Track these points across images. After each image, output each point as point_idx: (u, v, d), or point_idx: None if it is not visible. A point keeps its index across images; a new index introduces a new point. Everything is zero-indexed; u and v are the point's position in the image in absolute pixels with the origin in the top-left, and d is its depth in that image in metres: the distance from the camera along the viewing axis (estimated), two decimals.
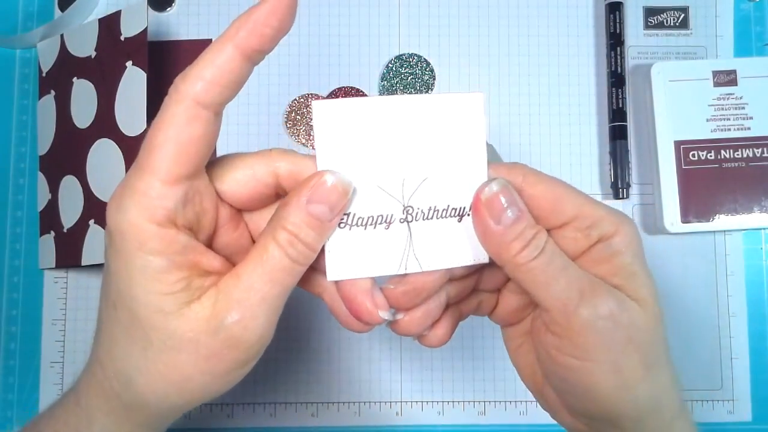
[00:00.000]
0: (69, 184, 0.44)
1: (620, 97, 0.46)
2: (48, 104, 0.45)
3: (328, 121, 0.25)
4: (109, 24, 0.43)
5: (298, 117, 0.47)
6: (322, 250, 0.25)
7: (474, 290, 0.29)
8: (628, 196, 0.45)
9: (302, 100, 0.47)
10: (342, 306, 0.27)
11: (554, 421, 0.35)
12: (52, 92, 0.45)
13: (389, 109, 0.26)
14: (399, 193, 0.26)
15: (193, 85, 0.23)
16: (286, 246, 0.24)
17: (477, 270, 0.28)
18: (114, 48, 0.43)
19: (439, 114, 0.26)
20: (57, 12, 0.47)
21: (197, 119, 0.23)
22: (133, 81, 0.42)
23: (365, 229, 0.26)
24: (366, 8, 0.47)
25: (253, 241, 0.27)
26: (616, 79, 0.46)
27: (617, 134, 0.46)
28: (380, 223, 0.26)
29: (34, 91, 0.47)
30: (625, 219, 0.26)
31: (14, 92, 0.47)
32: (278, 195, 0.26)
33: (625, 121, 0.46)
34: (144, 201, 0.23)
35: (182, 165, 0.23)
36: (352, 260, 0.26)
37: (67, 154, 0.44)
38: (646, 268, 0.26)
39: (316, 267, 0.26)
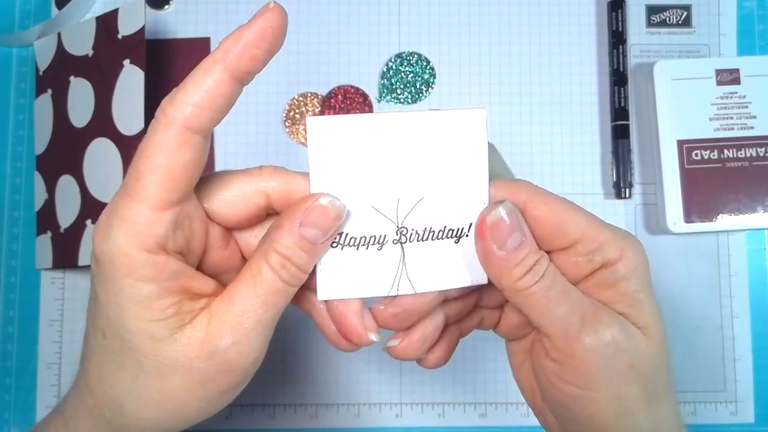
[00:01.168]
0: (66, 184, 0.43)
1: (622, 95, 0.45)
2: (45, 103, 0.45)
3: (322, 138, 0.24)
4: (107, 22, 0.43)
5: (297, 116, 0.46)
6: (314, 269, 0.25)
7: (476, 307, 0.29)
8: (630, 196, 0.45)
9: (301, 98, 0.46)
10: (330, 324, 0.26)
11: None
12: (49, 91, 0.45)
13: (386, 126, 0.25)
14: (393, 213, 0.26)
15: (182, 110, 0.22)
16: (278, 269, 0.24)
17: (477, 288, 0.27)
18: (111, 46, 0.42)
19: (438, 131, 0.25)
20: (54, 10, 0.47)
21: (187, 144, 0.22)
22: (131, 80, 0.41)
23: (357, 249, 0.25)
24: (366, 6, 0.47)
25: (244, 260, 0.26)
26: (618, 78, 0.45)
27: (619, 133, 0.45)
28: (373, 244, 0.26)
29: (31, 90, 0.47)
30: (630, 242, 0.26)
31: (11, 91, 0.47)
32: (269, 214, 0.26)
33: (628, 120, 0.45)
34: (134, 229, 0.22)
35: (172, 191, 0.22)
36: (343, 280, 0.25)
37: (63, 154, 0.44)
38: (651, 294, 0.26)
39: (306, 284, 0.25)
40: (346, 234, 0.25)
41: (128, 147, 0.41)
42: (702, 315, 0.45)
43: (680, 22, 0.47)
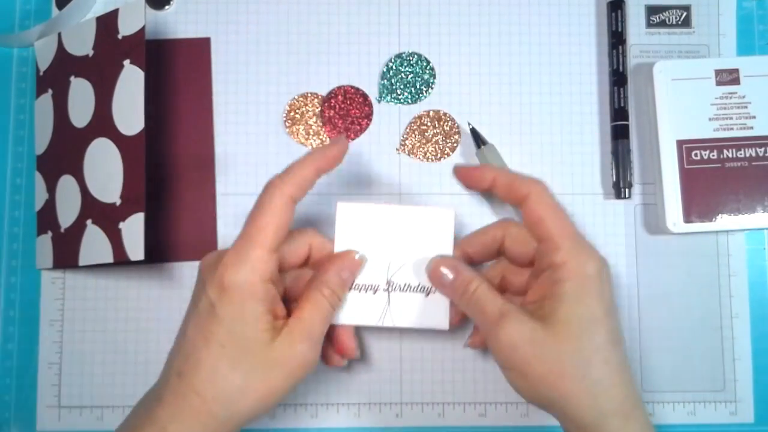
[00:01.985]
0: (66, 184, 0.43)
1: (622, 96, 0.45)
2: (45, 103, 0.45)
3: (346, 217, 0.39)
4: (107, 22, 0.43)
5: (297, 116, 0.46)
6: None
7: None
8: (629, 196, 0.45)
9: (302, 99, 0.46)
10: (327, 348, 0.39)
11: (554, 424, 0.35)
12: (50, 91, 0.45)
13: (387, 213, 0.39)
14: (385, 271, 0.39)
15: (290, 187, 0.35)
16: (329, 298, 0.36)
17: None
18: (112, 47, 0.42)
19: (421, 220, 0.39)
20: (54, 10, 0.47)
21: (289, 209, 0.35)
22: (131, 80, 0.41)
23: (359, 292, 0.39)
24: (366, 7, 0.47)
25: (285, 293, 0.38)
26: (617, 78, 0.45)
27: (619, 133, 0.45)
28: (369, 290, 0.39)
29: (32, 90, 0.47)
30: (583, 256, 0.35)
31: (11, 91, 0.47)
32: (306, 262, 0.39)
33: (627, 120, 0.45)
34: (257, 265, 0.34)
35: (279, 239, 0.35)
36: (348, 312, 0.39)
37: (64, 154, 0.44)
38: (582, 305, 0.34)
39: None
40: (353, 281, 0.39)
41: (128, 147, 0.41)
42: (701, 315, 0.45)
43: (680, 22, 0.47)
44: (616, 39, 0.46)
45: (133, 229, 0.40)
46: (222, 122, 0.46)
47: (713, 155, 0.44)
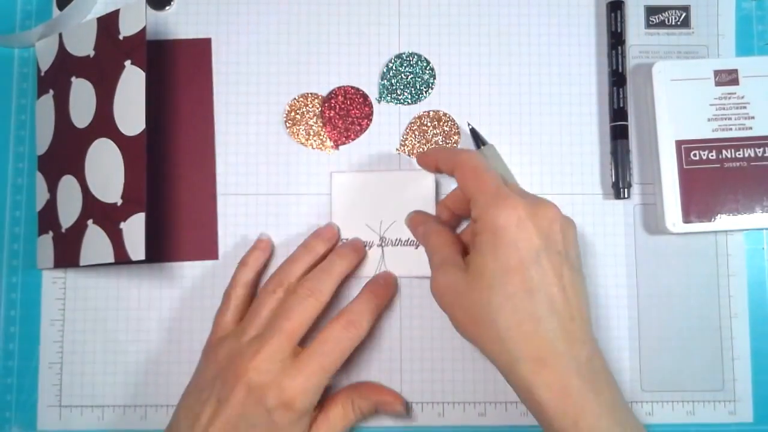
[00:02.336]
0: (67, 184, 0.43)
1: (621, 96, 0.45)
2: (47, 103, 0.45)
3: (340, 187, 0.45)
4: (108, 23, 0.43)
5: (297, 116, 0.46)
6: None
7: None
8: (629, 196, 0.45)
9: (302, 99, 0.47)
10: None
11: None
12: (51, 91, 0.45)
13: (376, 180, 0.45)
14: (378, 228, 0.44)
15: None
16: (356, 414, 0.42)
17: None
18: (113, 47, 0.42)
19: (405, 183, 0.45)
20: (55, 11, 0.47)
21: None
22: (132, 80, 0.41)
23: None
24: (366, 7, 0.47)
25: None
26: (617, 79, 0.46)
27: (618, 134, 0.45)
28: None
29: (33, 91, 0.47)
30: (494, 209, 0.36)
31: (12, 91, 0.47)
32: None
33: (627, 121, 0.45)
34: (321, 390, 0.39)
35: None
36: None
37: (65, 154, 0.44)
38: (486, 249, 0.36)
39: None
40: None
41: (129, 147, 0.41)
42: (700, 315, 0.45)
43: (679, 22, 0.47)
44: (615, 39, 0.46)
45: (134, 229, 0.40)
46: (223, 122, 0.47)
47: (712, 155, 0.44)
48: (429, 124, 0.46)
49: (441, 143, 0.46)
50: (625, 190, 0.45)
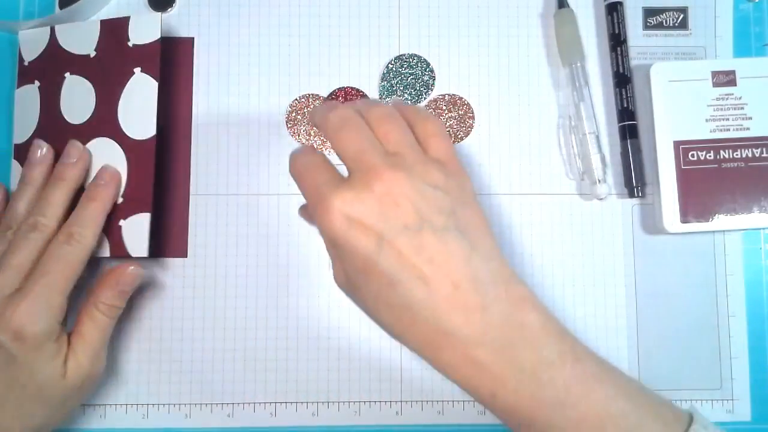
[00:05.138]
0: None
1: (626, 96, 0.46)
2: (30, 94, 0.45)
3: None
4: (114, 28, 0.43)
5: (298, 117, 0.47)
6: None
7: None
8: (644, 195, 0.45)
9: (303, 100, 0.47)
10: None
11: None
12: (36, 83, 0.45)
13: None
14: None
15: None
16: (107, 312, 0.40)
17: None
18: (120, 52, 0.43)
19: None
20: (57, 11, 0.47)
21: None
22: (142, 87, 0.42)
23: None
24: (366, 9, 0.48)
25: None
26: (619, 79, 0.46)
27: (628, 133, 0.45)
28: None
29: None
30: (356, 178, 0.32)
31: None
32: None
33: (635, 120, 0.46)
34: (57, 312, 0.38)
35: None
36: None
37: (53, 146, 0.43)
38: (337, 259, 0.33)
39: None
40: (133, 290, 0.42)
41: (135, 149, 0.42)
42: (698, 314, 0.46)
43: (677, 24, 0.48)
44: (615, 41, 0.46)
45: (137, 228, 0.41)
46: (224, 124, 0.47)
47: (710, 156, 0.44)
48: (444, 107, 0.47)
49: (455, 127, 0.46)
50: (640, 188, 0.45)
